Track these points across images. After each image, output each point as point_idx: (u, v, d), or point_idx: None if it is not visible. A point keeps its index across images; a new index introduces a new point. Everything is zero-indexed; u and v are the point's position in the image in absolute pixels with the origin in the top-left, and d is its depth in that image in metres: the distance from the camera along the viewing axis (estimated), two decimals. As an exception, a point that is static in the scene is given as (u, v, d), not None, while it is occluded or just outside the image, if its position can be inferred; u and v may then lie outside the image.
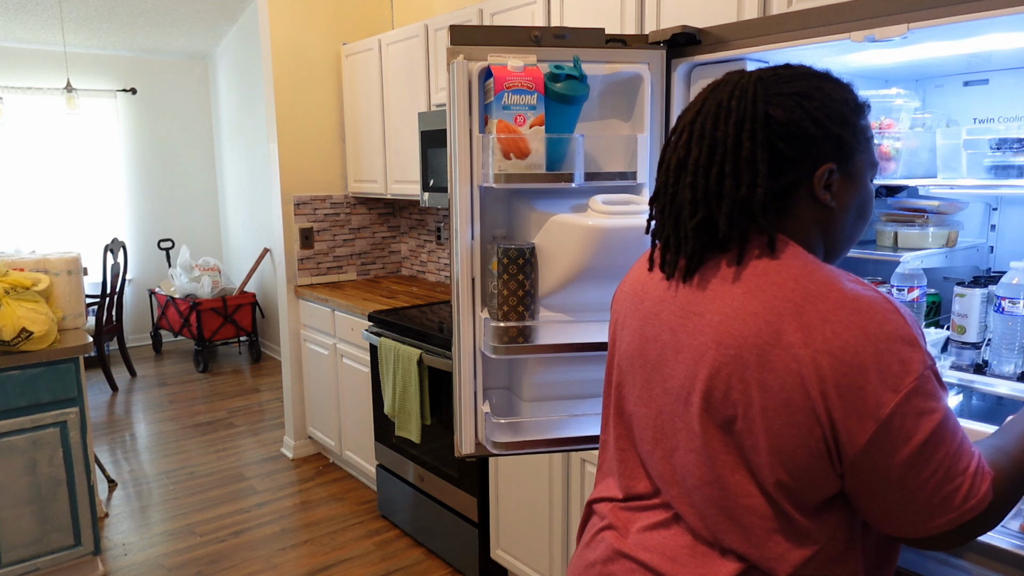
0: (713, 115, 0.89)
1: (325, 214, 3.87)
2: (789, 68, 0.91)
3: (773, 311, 0.81)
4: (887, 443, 0.77)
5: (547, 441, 1.46)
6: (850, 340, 0.77)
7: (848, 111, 0.88)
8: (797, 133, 0.85)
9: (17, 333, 2.41)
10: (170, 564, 2.87)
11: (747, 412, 0.82)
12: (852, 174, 0.90)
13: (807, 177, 0.87)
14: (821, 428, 0.79)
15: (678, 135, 0.93)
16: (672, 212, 0.92)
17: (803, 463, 0.81)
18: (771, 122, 0.85)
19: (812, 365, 0.78)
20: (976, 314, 1.44)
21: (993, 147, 1.40)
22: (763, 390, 0.80)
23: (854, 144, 0.89)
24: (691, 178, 0.89)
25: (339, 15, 3.79)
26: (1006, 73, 1.59)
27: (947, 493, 0.78)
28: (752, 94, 0.87)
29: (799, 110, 0.86)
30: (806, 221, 0.89)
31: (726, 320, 0.84)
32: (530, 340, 1.40)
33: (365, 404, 3.30)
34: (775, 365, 0.79)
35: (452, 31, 1.36)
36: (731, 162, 0.86)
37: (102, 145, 6.12)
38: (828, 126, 0.86)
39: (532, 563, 2.44)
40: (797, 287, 0.81)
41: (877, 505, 0.81)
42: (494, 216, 1.51)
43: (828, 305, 0.79)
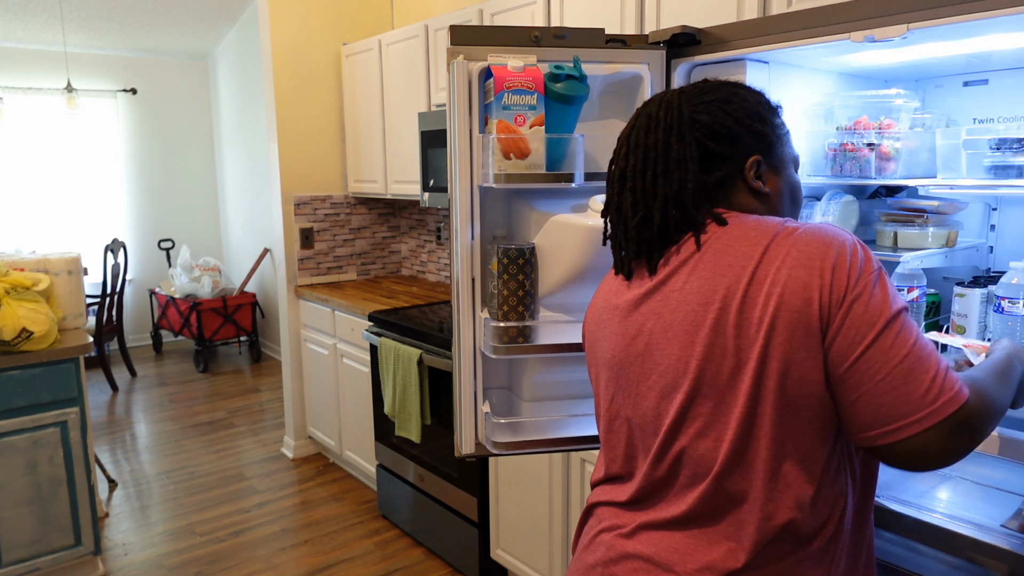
0: (644, 127, 0.99)
1: (325, 214, 3.87)
2: (707, 82, 1.03)
3: (744, 256, 0.89)
4: (852, 330, 0.83)
5: (547, 441, 1.46)
6: (814, 252, 0.85)
7: (764, 111, 1.00)
8: (722, 132, 0.97)
9: (17, 333, 2.41)
10: (170, 564, 2.87)
11: (746, 355, 0.86)
12: (776, 165, 1.01)
13: (739, 169, 0.98)
14: (812, 336, 0.84)
15: (617, 149, 1.03)
16: (620, 219, 1.02)
17: (799, 386, 0.85)
18: (697, 125, 0.97)
19: (788, 279, 0.85)
20: (976, 314, 1.44)
21: (993, 147, 1.40)
22: (753, 324, 0.86)
23: (773, 138, 1.00)
24: (630, 183, 0.99)
25: (339, 15, 3.79)
26: (1006, 73, 1.59)
27: (922, 381, 0.80)
28: (677, 103, 0.98)
29: (721, 112, 0.97)
30: (747, 208, 0.99)
31: (704, 282, 0.90)
32: (530, 340, 1.40)
33: (365, 404, 3.30)
34: (755, 298, 0.86)
35: (452, 31, 1.36)
36: (662, 163, 0.97)
37: (102, 145, 6.12)
38: (749, 123, 0.98)
39: (532, 563, 2.44)
40: (759, 232, 0.90)
41: (854, 406, 0.83)
42: (494, 216, 1.51)
43: (792, 236, 0.88)
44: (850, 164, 1.56)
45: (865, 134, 1.53)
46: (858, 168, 1.55)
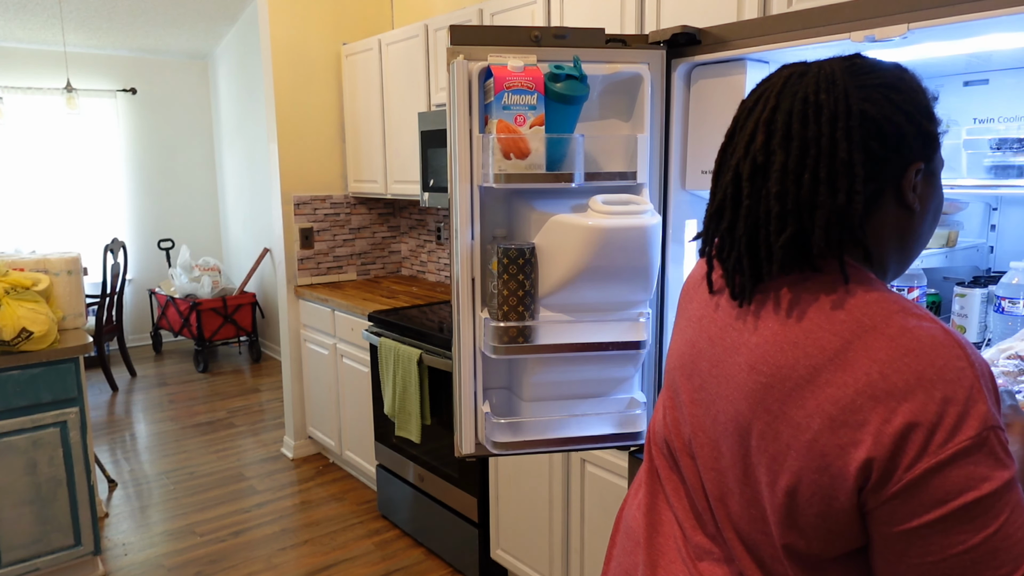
0: (800, 112, 0.76)
1: (325, 214, 3.87)
2: (860, 57, 0.80)
3: (816, 345, 0.72)
4: (915, 500, 0.67)
5: (547, 441, 1.46)
6: (899, 384, 0.67)
7: (930, 103, 0.80)
8: (891, 130, 0.75)
9: (17, 333, 2.41)
10: (170, 564, 2.87)
11: (774, 447, 0.75)
12: (934, 172, 0.80)
13: (894, 179, 0.77)
14: (859, 480, 0.69)
15: (748, 137, 0.80)
16: (747, 230, 0.79)
17: (822, 518, 0.72)
18: (866, 120, 0.74)
19: (848, 406, 0.69)
20: (976, 314, 1.44)
21: (993, 147, 1.40)
22: (788, 426, 0.73)
23: (939, 139, 0.80)
24: (778, 187, 0.76)
25: (339, 15, 3.79)
26: (1006, 73, 1.59)
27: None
28: (844, 86, 0.75)
29: (889, 104, 0.75)
30: (888, 229, 0.79)
31: (763, 343, 0.77)
32: (530, 340, 1.40)
33: (365, 404, 3.30)
34: (807, 403, 0.71)
35: (452, 31, 1.36)
36: (826, 166, 0.74)
37: (102, 145, 6.12)
38: (919, 121, 0.76)
39: (532, 563, 2.44)
40: (848, 318, 0.72)
41: (892, 567, 0.71)
42: (494, 216, 1.51)
43: (881, 343, 0.69)
44: (850, 164, 1.56)
45: (865, 134, 1.53)
46: (858, 168, 1.55)
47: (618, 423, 1.48)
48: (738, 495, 0.80)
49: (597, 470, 2.14)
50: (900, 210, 0.78)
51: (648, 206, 1.36)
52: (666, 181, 1.54)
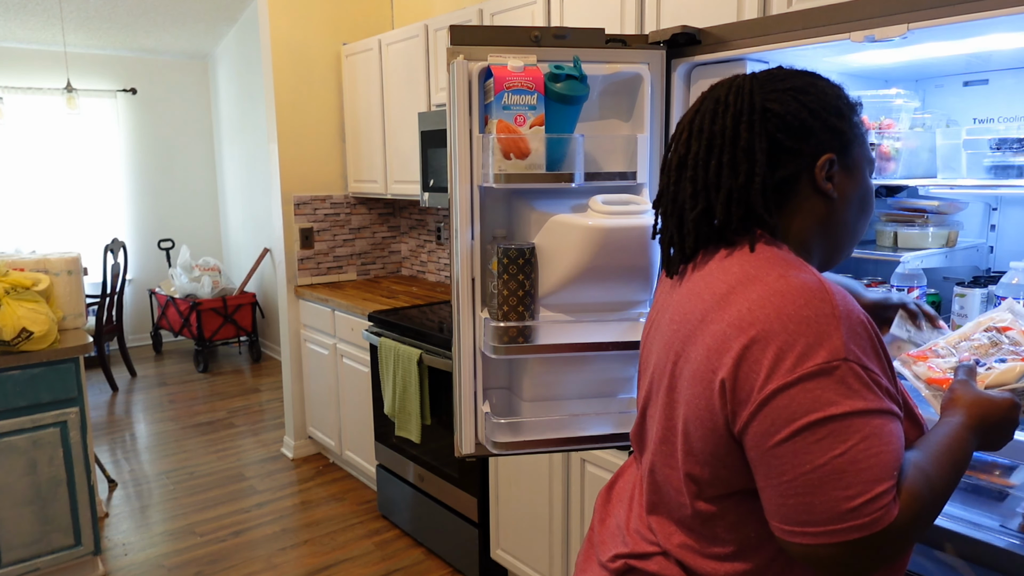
0: (711, 111, 0.90)
1: (325, 214, 3.87)
2: (782, 69, 0.93)
3: (712, 293, 0.85)
4: (767, 420, 0.75)
5: (547, 441, 1.46)
6: (760, 316, 0.77)
7: (843, 105, 0.90)
8: (795, 124, 0.87)
9: (17, 333, 2.41)
10: (170, 564, 2.87)
11: (679, 384, 0.86)
12: (851, 167, 0.90)
13: (808, 168, 0.88)
14: (722, 401, 0.79)
15: (678, 134, 0.94)
16: (675, 211, 0.93)
17: (705, 441, 0.83)
18: (768, 114, 0.87)
19: (720, 336, 0.80)
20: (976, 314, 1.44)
21: (993, 147, 1.40)
22: (687, 362, 0.85)
23: (851, 136, 0.90)
24: (691, 172, 0.90)
25: (339, 15, 3.79)
26: (1006, 73, 1.59)
27: (833, 497, 0.72)
28: (749, 89, 0.89)
29: (795, 103, 0.87)
30: (807, 214, 0.89)
31: (682, 301, 0.90)
32: (530, 340, 1.40)
33: (365, 404, 3.30)
34: (697, 340, 0.83)
35: (452, 31, 1.36)
36: (728, 153, 0.87)
37: (102, 145, 6.12)
38: (825, 117, 0.88)
39: (532, 563, 2.44)
40: (740, 271, 0.84)
41: (763, 492, 0.79)
42: (494, 216, 1.51)
43: (757, 288, 0.80)
44: (850, 164, 1.56)
45: (865, 134, 1.53)
46: (858, 168, 1.55)
47: (618, 423, 1.48)
48: (659, 432, 0.92)
49: (597, 470, 2.14)
50: (817, 196, 0.89)
51: (648, 206, 1.37)
52: (666, 181, 1.54)
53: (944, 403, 0.92)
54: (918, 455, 0.80)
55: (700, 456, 0.84)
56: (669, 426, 0.89)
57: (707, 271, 0.88)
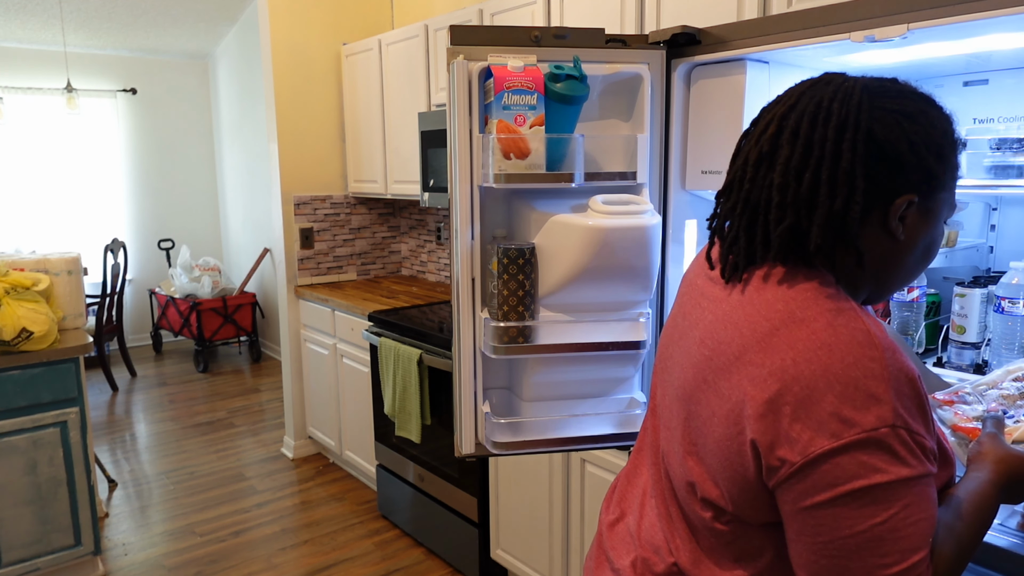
0: (811, 114, 0.80)
1: (325, 214, 3.87)
2: (897, 84, 0.83)
3: (753, 329, 0.79)
4: (808, 482, 0.72)
5: (547, 441, 1.46)
6: (805, 372, 0.72)
7: (946, 144, 0.81)
8: (891, 156, 0.78)
9: (17, 333, 2.41)
10: (170, 564, 2.87)
11: (703, 413, 0.83)
12: (930, 210, 0.82)
13: (884, 203, 0.79)
14: (754, 453, 0.76)
15: (763, 127, 0.84)
16: (747, 211, 0.84)
17: (732, 483, 0.79)
18: (871, 140, 0.78)
19: (760, 385, 0.75)
20: (976, 314, 1.44)
21: (993, 147, 1.40)
22: (718, 398, 0.80)
23: (943, 181, 0.81)
24: (780, 179, 0.80)
25: (339, 15, 3.79)
26: (1006, 73, 1.59)
27: (869, 564, 0.71)
28: (857, 101, 0.79)
29: (898, 130, 0.78)
30: (870, 247, 0.81)
31: (715, 321, 0.84)
32: (530, 340, 1.40)
33: (365, 404, 3.30)
34: (732, 377, 0.78)
35: (452, 31, 1.36)
36: (828, 170, 0.78)
37: (102, 145, 6.12)
38: (924, 156, 0.79)
39: (532, 563, 2.44)
40: (784, 308, 0.78)
41: (793, 544, 0.77)
42: (494, 216, 1.51)
43: (802, 334, 0.75)
44: (850, 164, 1.56)
45: (865, 134, 1.53)
46: (858, 168, 1.55)
47: (618, 423, 1.48)
48: (678, 453, 0.88)
49: (597, 470, 2.14)
50: (883, 235, 0.81)
51: (648, 206, 1.36)
52: (666, 181, 1.54)
53: (971, 455, 0.89)
54: (947, 515, 0.78)
55: (724, 492, 0.81)
56: (689, 450, 0.86)
57: (747, 299, 0.82)
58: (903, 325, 1.48)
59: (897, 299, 1.47)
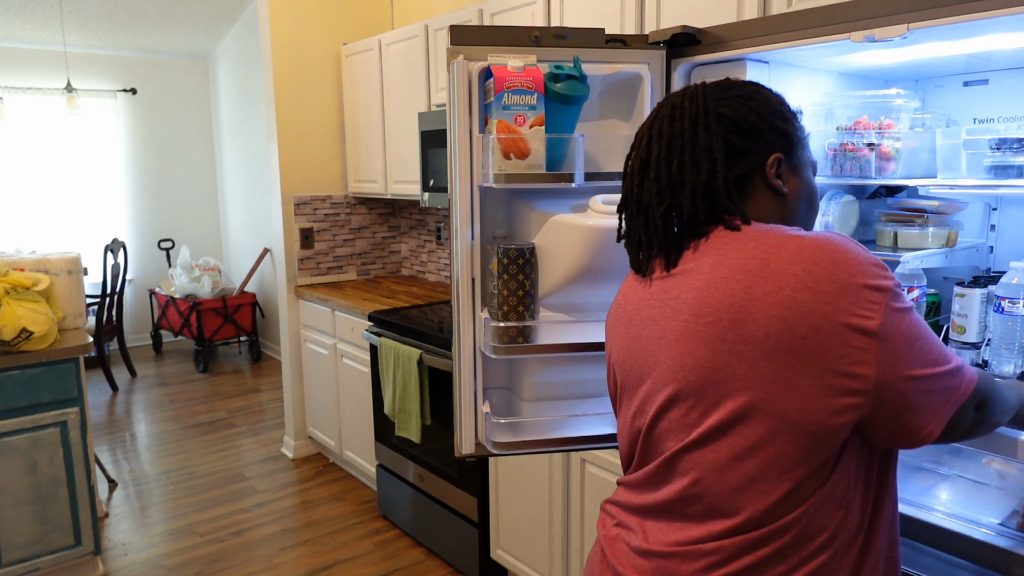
0: (668, 116, 0.97)
1: (325, 214, 3.87)
2: (729, 80, 1.01)
3: (741, 270, 0.87)
4: (900, 344, 0.82)
5: (547, 441, 1.46)
6: (822, 272, 0.82)
7: (785, 110, 0.99)
8: (746, 126, 0.95)
9: (17, 333, 2.41)
10: (170, 564, 2.87)
11: (735, 370, 0.85)
12: (796, 167, 0.99)
13: (760, 166, 0.96)
14: (819, 364, 0.81)
15: (638, 141, 1.01)
16: (640, 211, 0.98)
17: (800, 411, 0.83)
18: (722, 118, 0.95)
19: (793, 304, 0.82)
20: (976, 314, 1.44)
21: (993, 147, 1.40)
22: (748, 343, 0.84)
23: (795, 138, 0.99)
24: (654, 173, 0.96)
25: (339, 15, 3.79)
26: (1006, 73, 1.59)
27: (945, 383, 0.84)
28: (703, 95, 0.97)
29: (744, 107, 0.96)
30: (764, 208, 0.97)
31: (698, 292, 0.90)
32: (530, 340, 1.40)
33: (365, 404, 3.30)
34: (755, 317, 0.84)
35: (452, 31, 1.36)
36: (689, 151, 0.94)
37: (102, 145, 6.12)
38: (771, 120, 0.96)
39: (532, 563, 2.44)
40: (758, 244, 0.88)
41: (898, 417, 0.84)
42: (494, 216, 1.51)
43: (790, 251, 0.85)
44: (850, 164, 1.56)
45: (865, 134, 1.53)
46: (858, 168, 1.55)
47: (618, 423, 1.48)
48: (700, 432, 0.89)
49: (597, 470, 2.14)
50: (769, 192, 0.97)
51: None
52: (666, 181, 1.54)
53: None
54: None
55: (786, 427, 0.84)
56: (718, 425, 0.87)
57: (708, 259, 0.91)
58: (903, 325, 1.49)
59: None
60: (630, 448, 1.03)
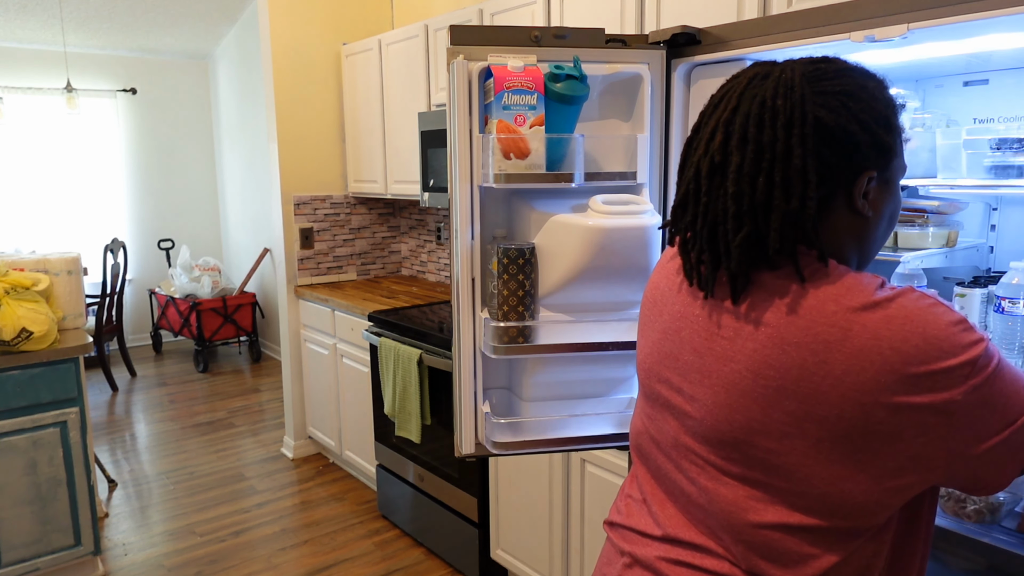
0: (757, 116, 0.79)
1: (325, 214, 3.87)
2: (828, 62, 0.82)
3: (817, 340, 0.74)
4: (978, 416, 0.72)
5: (547, 441, 1.46)
6: (912, 345, 0.71)
7: (891, 113, 0.82)
8: (843, 138, 0.78)
9: (17, 333, 2.41)
10: (170, 564, 2.87)
11: (791, 445, 0.76)
12: (889, 180, 0.83)
13: (846, 185, 0.80)
14: (902, 442, 0.72)
15: (709, 134, 0.83)
16: (706, 225, 0.82)
17: (861, 491, 0.75)
18: (819, 125, 0.77)
19: (876, 384, 0.71)
20: (976, 314, 1.44)
21: (993, 147, 1.40)
22: (818, 423, 0.74)
23: (895, 149, 0.82)
24: (733, 188, 0.79)
25: (339, 15, 3.79)
26: (1006, 73, 1.59)
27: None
28: (800, 93, 0.78)
29: (846, 112, 0.78)
30: (840, 232, 0.82)
31: (762, 348, 0.78)
32: (530, 340, 1.40)
33: (365, 404, 3.30)
34: (829, 397, 0.73)
35: (452, 31, 1.36)
36: (781, 171, 0.77)
37: (102, 145, 6.12)
38: (875, 130, 0.79)
39: (532, 563, 2.44)
40: (839, 309, 0.75)
41: (978, 474, 0.76)
42: (494, 216, 1.51)
43: (877, 321, 0.73)
44: (850, 164, 1.56)
45: (865, 134, 1.53)
46: (858, 168, 1.55)
47: (618, 423, 1.48)
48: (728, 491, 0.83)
49: (597, 470, 2.14)
50: (852, 215, 0.82)
51: (648, 206, 1.37)
52: (666, 181, 1.54)
53: None
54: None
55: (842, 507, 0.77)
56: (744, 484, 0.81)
57: (779, 311, 0.78)
58: (903, 325, 1.49)
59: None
60: None
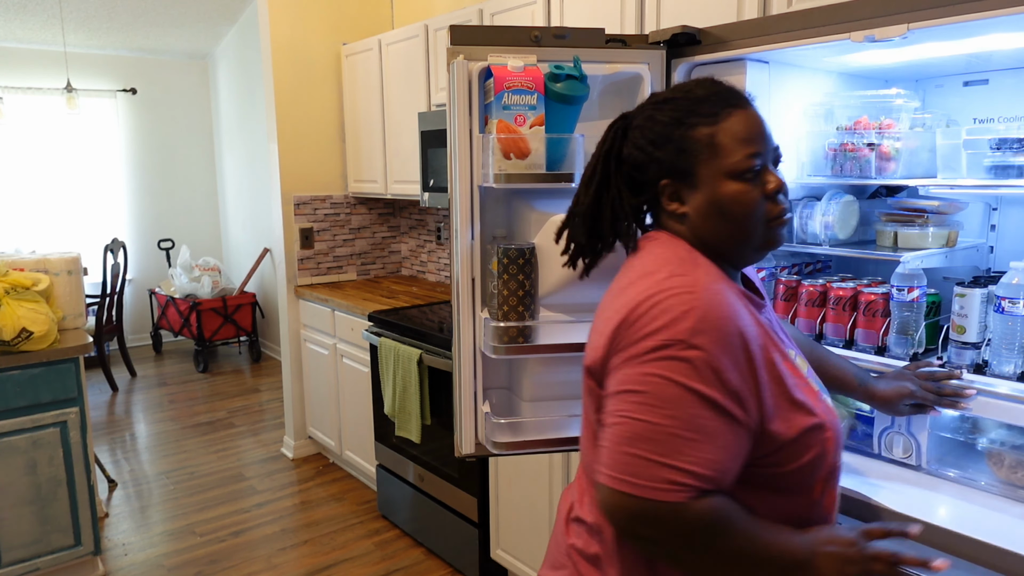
0: (603, 145, 1.09)
1: (325, 214, 3.87)
2: (655, 96, 1.05)
3: (617, 286, 1.01)
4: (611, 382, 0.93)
5: (547, 441, 1.46)
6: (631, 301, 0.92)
7: (673, 130, 0.98)
8: (639, 162, 1.02)
9: (17, 333, 2.41)
10: (170, 564, 2.87)
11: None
12: (698, 184, 0.98)
13: (654, 194, 1.03)
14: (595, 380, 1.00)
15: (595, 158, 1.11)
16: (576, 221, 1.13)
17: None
18: (623, 160, 1.05)
19: (605, 320, 0.98)
20: (976, 314, 1.44)
21: (993, 147, 1.40)
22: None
23: (686, 159, 0.98)
24: (596, 190, 1.08)
25: (339, 15, 3.79)
26: (1006, 73, 1.59)
27: (623, 453, 0.87)
28: (623, 130, 1.06)
29: (638, 142, 1.02)
30: (671, 225, 1.04)
31: (603, 307, 1.03)
32: (530, 340, 1.40)
33: (365, 404, 3.30)
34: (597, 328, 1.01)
35: (452, 31, 1.36)
36: (607, 192, 1.06)
37: (102, 145, 6.12)
38: (651, 151, 1.00)
39: (532, 563, 2.44)
40: (640, 267, 1.00)
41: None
42: (494, 216, 1.51)
43: (647, 283, 0.93)
44: (850, 164, 1.56)
45: (865, 134, 1.53)
46: (858, 168, 1.55)
47: (618, 423, 1.48)
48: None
49: (597, 470, 2.14)
50: (669, 212, 1.02)
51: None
52: (666, 181, 1.54)
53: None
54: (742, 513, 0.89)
55: None
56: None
57: (619, 277, 1.05)
58: (903, 325, 1.48)
59: (897, 299, 1.47)
60: None
